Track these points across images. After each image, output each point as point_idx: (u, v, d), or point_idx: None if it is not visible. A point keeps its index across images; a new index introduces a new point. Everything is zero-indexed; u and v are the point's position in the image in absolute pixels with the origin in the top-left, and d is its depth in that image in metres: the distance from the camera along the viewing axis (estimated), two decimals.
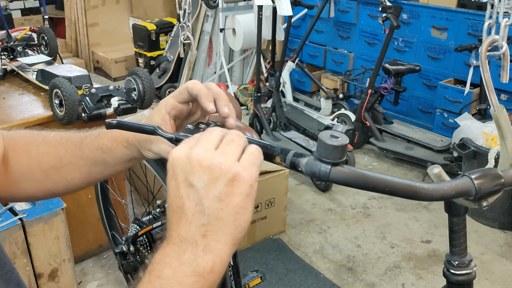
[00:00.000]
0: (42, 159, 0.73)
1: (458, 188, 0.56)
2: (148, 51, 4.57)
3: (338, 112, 3.57)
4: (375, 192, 0.54)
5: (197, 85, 0.65)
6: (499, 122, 0.70)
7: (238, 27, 4.11)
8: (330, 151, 0.51)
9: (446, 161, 3.02)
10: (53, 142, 0.74)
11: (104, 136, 0.71)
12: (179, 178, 0.53)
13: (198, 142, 0.54)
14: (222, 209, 0.51)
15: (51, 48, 2.91)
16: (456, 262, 0.71)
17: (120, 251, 1.54)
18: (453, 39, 3.28)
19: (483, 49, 0.76)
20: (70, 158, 0.72)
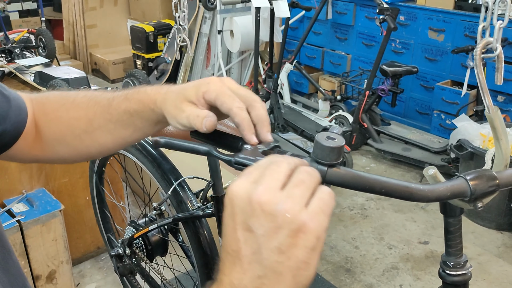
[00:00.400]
0: (73, 124, 0.73)
1: (453, 189, 0.57)
2: (146, 52, 4.58)
3: (336, 113, 3.58)
4: (372, 193, 0.54)
5: (241, 113, 0.59)
6: (494, 124, 0.71)
7: (236, 29, 4.12)
8: (327, 152, 0.51)
9: (443, 162, 3.03)
10: (82, 105, 0.73)
11: (131, 98, 0.69)
12: (237, 219, 0.46)
13: (262, 178, 0.46)
14: (282, 262, 0.45)
15: (49, 50, 2.92)
16: (452, 263, 0.72)
17: (116, 253, 1.54)
18: (450, 40, 3.29)
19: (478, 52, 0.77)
20: (100, 121, 0.71)
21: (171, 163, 1.42)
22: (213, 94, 0.61)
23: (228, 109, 0.60)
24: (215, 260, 1.34)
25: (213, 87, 0.61)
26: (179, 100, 0.63)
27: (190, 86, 0.64)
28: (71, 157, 0.77)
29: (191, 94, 0.62)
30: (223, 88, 0.61)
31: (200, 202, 1.30)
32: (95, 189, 1.84)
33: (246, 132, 0.59)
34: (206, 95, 0.61)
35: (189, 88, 0.63)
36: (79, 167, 2.15)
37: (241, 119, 0.59)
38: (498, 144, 0.71)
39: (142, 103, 0.68)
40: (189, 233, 1.33)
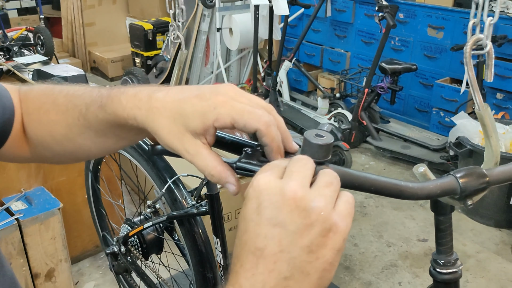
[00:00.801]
0: (53, 129, 0.63)
1: (443, 187, 0.57)
2: (144, 50, 4.57)
3: (335, 111, 3.57)
4: (361, 191, 0.54)
5: (271, 132, 0.50)
6: (484, 121, 0.70)
7: (235, 26, 4.11)
8: (315, 150, 0.50)
9: (442, 159, 3.03)
10: (62, 107, 0.62)
11: (106, 108, 0.57)
12: (265, 213, 0.42)
13: (292, 174, 0.44)
14: (311, 262, 0.42)
15: (47, 48, 2.91)
16: (442, 261, 0.71)
17: (111, 251, 1.54)
18: (449, 38, 3.29)
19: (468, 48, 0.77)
20: (80, 128, 0.61)
21: (166, 161, 1.41)
22: (228, 119, 0.49)
23: (254, 129, 0.50)
24: (210, 258, 1.33)
25: (224, 111, 0.49)
26: (178, 132, 0.51)
27: (189, 111, 0.50)
28: (59, 160, 0.68)
29: (196, 126, 0.50)
30: (235, 106, 0.50)
31: (194, 200, 1.30)
32: (90, 187, 1.84)
33: (274, 154, 0.51)
34: (218, 123, 0.50)
35: (190, 115, 0.50)
36: (77, 165, 2.15)
37: (271, 139, 0.50)
38: (488, 141, 0.71)
39: (118, 116, 0.55)
40: (183, 231, 1.33)
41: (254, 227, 0.43)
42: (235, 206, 2.29)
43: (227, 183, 0.51)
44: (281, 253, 0.42)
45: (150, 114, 0.52)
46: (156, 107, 0.52)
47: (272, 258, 0.42)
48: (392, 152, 3.29)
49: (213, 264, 1.34)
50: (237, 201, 2.29)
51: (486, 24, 1.06)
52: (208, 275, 1.34)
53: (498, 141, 0.70)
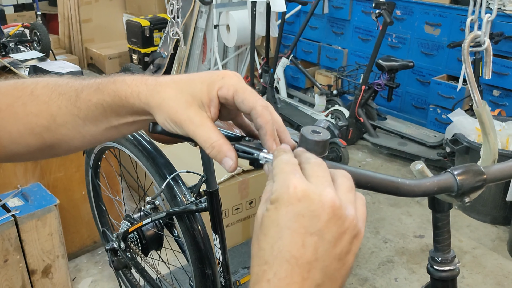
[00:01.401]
0: (32, 121, 0.60)
1: (440, 184, 0.57)
2: (142, 47, 4.56)
3: (332, 108, 3.58)
4: (357, 188, 0.54)
5: (266, 114, 0.51)
6: (482, 118, 0.70)
7: (232, 23, 4.11)
8: (311, 146, 0.51)
9: (439, 156, 3.04)
10: (43, 97, 0.59)
11: (104, 90, 0.56)
12: (304, 222, 0.42)
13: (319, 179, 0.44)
14: (339, 269, 0.43)
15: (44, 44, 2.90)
16: (440, 259, 0.71)
17: (110, 247, 1.54)
18: (446, 35, 3.29)
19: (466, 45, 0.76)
20: (66, 117, 0.59)
21: (166, 157, 1.42)
22: (231, 90, 0.51)
23: (251, 107, 0.51)
24: (209, 255, 1.34)
25: (230, 81, 0.51)
26: (185, 101, 0.51)
27: (198, 81, 0.52)
28: (33, 157, 0.65)
29: (203, 93, 0.51)
30: (241, 83, 0.52)
31: (194, 196, 1.30)
32: (91, 183, 1.84)
33: (268, 137, 0.51)
34: (222, 91, 0.51)
35: (198, 83, 0.52)
36: (75, 161, 2.15)
37: (266, 120, 0.51)
38: (486, 139, 0.71)
39: (119, 95, 0.54)
40: (183, 228, 1.33)
41: (291, 235, 0.42)
42: (232, 203, 2.30)
43: (225, 157, 0.51)
44: (316, 262, 0.42)
45: (156, 88, 0.52)
46: (164, 82, 0.53)
47: (307, 267, 0.42)
48: (389, 149, 3.29)
49: (212, 260, 1.34)
50: (234, 198, 2.30)
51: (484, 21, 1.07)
52: (207, 271, 1.34)
53: (496, 139, 0.71)
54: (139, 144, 1.43)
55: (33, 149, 0.62)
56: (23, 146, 0.62)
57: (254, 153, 0.52)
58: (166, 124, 0.53)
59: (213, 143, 0.51)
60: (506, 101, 3.06)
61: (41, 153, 0.64)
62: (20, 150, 0.63)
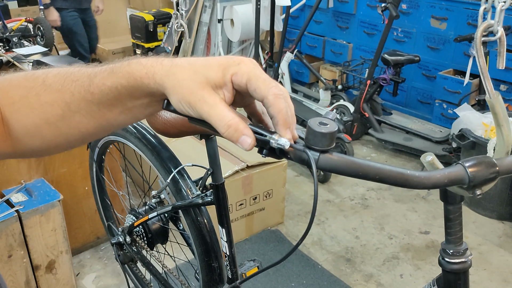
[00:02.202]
0: (47, 111, 0.59)
1: (451, 176, 0.55)
2: (145, 42, 4.54)
3: (337, 103, 3.55)
4: (366, 180, 0.53)
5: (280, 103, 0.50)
6: (495, 109, 0.69)
7: (236, 17, 4.08)
8: (319, 138, 0.50)
9: (445, 152, 3.01)
10: (56, 86, 0.59)
11: (118, 72, 0.55)
12: None
13: None
14: None
15: (47, 39, 2.89)
16: (451, 251, 0.70)
17: (116, 241, 1.54)
18: (452, 29, 3.25)
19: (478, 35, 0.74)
20: (80, 103, 0.58)
21: (171, 151, 1.41)
22: (245, 77, 0.51)
23: (263, 96, 0.50)
24: (215, 248, 1.33)
25: (245, 69, 0.51)
26: (199, 82, 0.51)
27: (214, 64, 0.52)
28: (47, 149, 0.64)
29: (217, 77, 0.51)
30: (256, 70, 0.51)
31: (200, 190, 1.29)
32: (95, 178, 1.83)
33: (280, 127, 0.50)
34: (236, 77, 0.51)
35: (214, 66, 0.52)
36: (78, 157, 2.14)
37: (279, 110, 0.50)
38: (499, 130, 0.69)
39: (134, 76, 0.54)
40: (188, 221, 1.32)
41: None
42: (236, 199, 2.29)
43: (243, 135, 0.50)
44: None
45: (171, 69, 0.52)
46: (179, 63, 0.53)
47: None
48: (394, 144, 3.27)
49: (219, 254, 1.34)
50: (238, 194, 2.28)
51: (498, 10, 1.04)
52: (213, 264, 1.33)
53: (509, 130, 0.69)
54: (144, 137, 1.42)
55: (48, 141, 0.62)
56: (38, 138, 0.61)
57: (266, 135, 0.51)
58: (179, 106, 0.52)
59: (228, 121, 0.50)
60: None
61: (56, 145, 0.63)
62: (35, 143, 0.62)
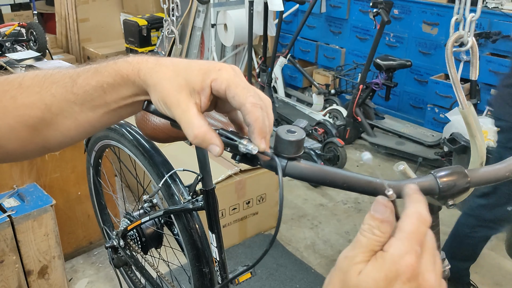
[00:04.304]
0: (25, 114, 0.58)
1: (421, 186, 0.55)
2: (139, 46, 4.54)
3: (330, 107, 3.57)
4: (334, 187, 0.53)
5: (256, 112, 0.50)
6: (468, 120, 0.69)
7: (230, 22, 4.10)
8: (285, 145, 0.51)
9: (437, 156, 3.03)
10: (34, 88, 0.58)
11: (103, 71, 0.55)
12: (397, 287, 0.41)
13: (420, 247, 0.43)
14: None
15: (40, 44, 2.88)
16: None
17: (110, 245, 1.54)
18: (444, 34, 3.29)
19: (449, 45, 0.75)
20: (62, 104, 0.57)
21: (163, 156, 1.41)
22: (224, 84, 0.51)
23: (240, 103, 0.50)
24: (206, 253, 1.33)
25: (225, 75, 0.51)
26: (178, 85, 0.51)
27: (195, 67, 0.52)
28: (23, 153, 0.63)
29: (197, 81, 0.51)
30: (236, 78, 0.51)
31: (190, 195, 1.30)
32: (92, 181, 1.83)
33: (256, 135, 0.51)
34: (216, 83, 0.51)
35: (195, 70, 0.52)
36: (71, 162, 2.14)
37: (255, 118, 0.50)
38: (473, 141, 0.69)
39: (121, 74, 0.54)
40: (180, 226, 1.33)
41: None
42: (229, 203, 2.29)
43: (211, 144, 0.51)
44: None
45: (156, 67, 0.53)
46: (164, 63, 0.53)
47: None
48: (387, 149, 3.29)
49: (210, 259, 1.34)
50: (231, 198, 2.29)
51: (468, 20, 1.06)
52: (204, 269, 1.34)
53: (483, 141, 0.69)
54: (137, 142, 1.42)
55: (27, 143, 0.61)
56: (15, 140, 0.60)
57: (236, 140, 0.52)
58: (158, 105, 0.53)
59: (195, 130, 0.51)
60: None
61: (34, 148, 0.62)
62: (13, 145, 0.61)
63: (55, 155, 2.09)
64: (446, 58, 0.72)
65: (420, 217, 0.44)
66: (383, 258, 0.42)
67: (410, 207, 0.45)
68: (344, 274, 0.43)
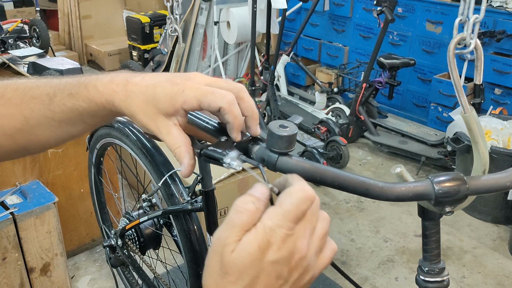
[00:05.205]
0: (4, 123, 0.61)
1: (416, 191, 0.53)
2: (142, 44, 4.54)
3: (333, 106, 3.56)
4: (325, 186, 0.52)
5: (233, 110, 0.53)
6: (470, 125, 0.66)
7: (233, 20, 4.09)
8: (276, 140, 0.51)
9: (440, 155, 3.02)
10: (14, 100, 0.60)
11: (77, 95, 0.57)
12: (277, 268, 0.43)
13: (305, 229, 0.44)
14: None
15: (43, 41, 2.88)
16: (427, 269, 0.67)
17: (108, 244, 1.53)
18: (448, 33, 3.27)
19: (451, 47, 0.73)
20: (40, 119, 0.60)
21: (164, 155, 1.40)
22: (194, 101, 0.53)
23: (217, 107, 0.53)
24: (204, 256, 1.32)
25: (191, 94, 0.53)
26: (151, 113, 0.54)
27: (161, 95, 0.54)
28: (8, 157, 0.66)
29: (166, 108, 0.53)
30: (200, 89, 0.53)
31: (189, 196, 1.29)
32: (93, 180, 1.82)
33: (234, 130, 0.54)
34: (186, 105, 0.53)
35: (161, 97, 0.53)
36: (73, 159, 2.13)
37: (234, 117, 0.53)
38: (475, 147, 0.67)
39: (94, 102, 0.57)
40: (178, 227, 1.32)
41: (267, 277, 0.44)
42: (231, 202, 2.28)
43: (182, 163, 0.55)
44: None
45: (127, 98, 0.55)
46: (132, 91, 0.55)
47: None
48: (390, 147, 3.28)
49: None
50: (234, 197, 2.28)
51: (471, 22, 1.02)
52: (201, 272, 1.32)
53: (486, 147, 0.67)
54: (139, 141, 1.41)
55: (7, 150, 0.63)
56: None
57: (219, 159, 0.54)
58: (143, 131, 0.58)
59: (174, 149, 0.55)
60: (508, 100, 3.05)
61: (14, 153, 0.65)
62: None
63: (58, 152, 2.09)
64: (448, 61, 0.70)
65: (305, 194, 0.44)
66: (256, 229, 0.43)
67: (294, 184, 0.45)
68: (219, 255, 0.44)
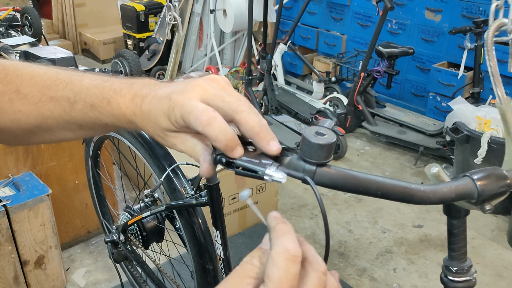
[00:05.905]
0: (21, 119, 0.59)
1: (459, 190, 0.51)
2: (137, 32, 4.47)
3: (330, 95, 3.53)
4: (367, 196, 0.49)
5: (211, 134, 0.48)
6: (505, 117, 0.64)
7: (229, 8, 4.03)
8: (315, 150, 0.46)
9: (438, 145, 3.00)
10: (32, 99, 0.58)
11: (100, 109, 0.56)
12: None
13: None
14: None
15: (35, 29, 2.82)
16: (455, 268, 0.66)
17: (110, 239, 1.50)
18: (447, 21, 3.23)
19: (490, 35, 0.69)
20: (59, 121, 0.58)
21: (165, 148, 1.36)
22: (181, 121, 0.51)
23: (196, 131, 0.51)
24: (209, 250, 1.29)
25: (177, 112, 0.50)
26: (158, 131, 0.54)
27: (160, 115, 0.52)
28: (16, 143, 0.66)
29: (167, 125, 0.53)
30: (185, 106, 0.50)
31: (194, 190, 1.25)
32: (91, 173, 1.78)
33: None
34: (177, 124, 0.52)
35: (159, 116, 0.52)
36: (67, 150, 2.09)
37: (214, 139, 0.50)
38: (509, 139, 0.64)
39: (118, 119, 0.56)
40: (183, 222, 1.29)
41: None
42: (228, 193, 2.26)
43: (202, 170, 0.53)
44: None
45: (143, 120, 0.54)
46: (145, 113, 0.54)
47: None
48: (388, 137, 3.25)
49: (213, 256, 1.30)
50: (231, 188, 2.25)
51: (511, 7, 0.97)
52: (207, 266, 1.30)
53: None
54: (138, 134, 1.37)
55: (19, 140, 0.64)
56: (10, 136, 0.62)
57: (258, 172, 0.48)
58: None
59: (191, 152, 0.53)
60: (507, 89, 3.01)
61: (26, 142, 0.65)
62: (7, 139, 0.63)
63: None
64: (486, 49, 0.66)
65: (288, 256, 0.40)
66: None
67: (275, 245, 0.41)
68: None
